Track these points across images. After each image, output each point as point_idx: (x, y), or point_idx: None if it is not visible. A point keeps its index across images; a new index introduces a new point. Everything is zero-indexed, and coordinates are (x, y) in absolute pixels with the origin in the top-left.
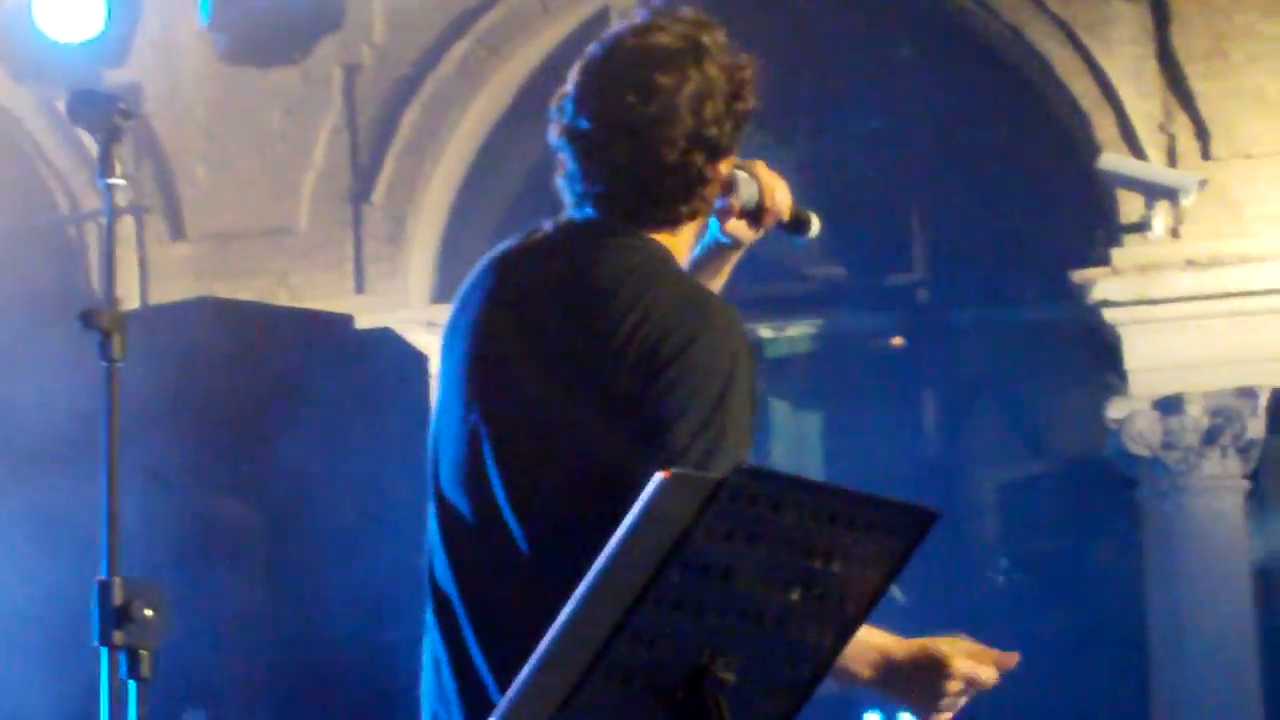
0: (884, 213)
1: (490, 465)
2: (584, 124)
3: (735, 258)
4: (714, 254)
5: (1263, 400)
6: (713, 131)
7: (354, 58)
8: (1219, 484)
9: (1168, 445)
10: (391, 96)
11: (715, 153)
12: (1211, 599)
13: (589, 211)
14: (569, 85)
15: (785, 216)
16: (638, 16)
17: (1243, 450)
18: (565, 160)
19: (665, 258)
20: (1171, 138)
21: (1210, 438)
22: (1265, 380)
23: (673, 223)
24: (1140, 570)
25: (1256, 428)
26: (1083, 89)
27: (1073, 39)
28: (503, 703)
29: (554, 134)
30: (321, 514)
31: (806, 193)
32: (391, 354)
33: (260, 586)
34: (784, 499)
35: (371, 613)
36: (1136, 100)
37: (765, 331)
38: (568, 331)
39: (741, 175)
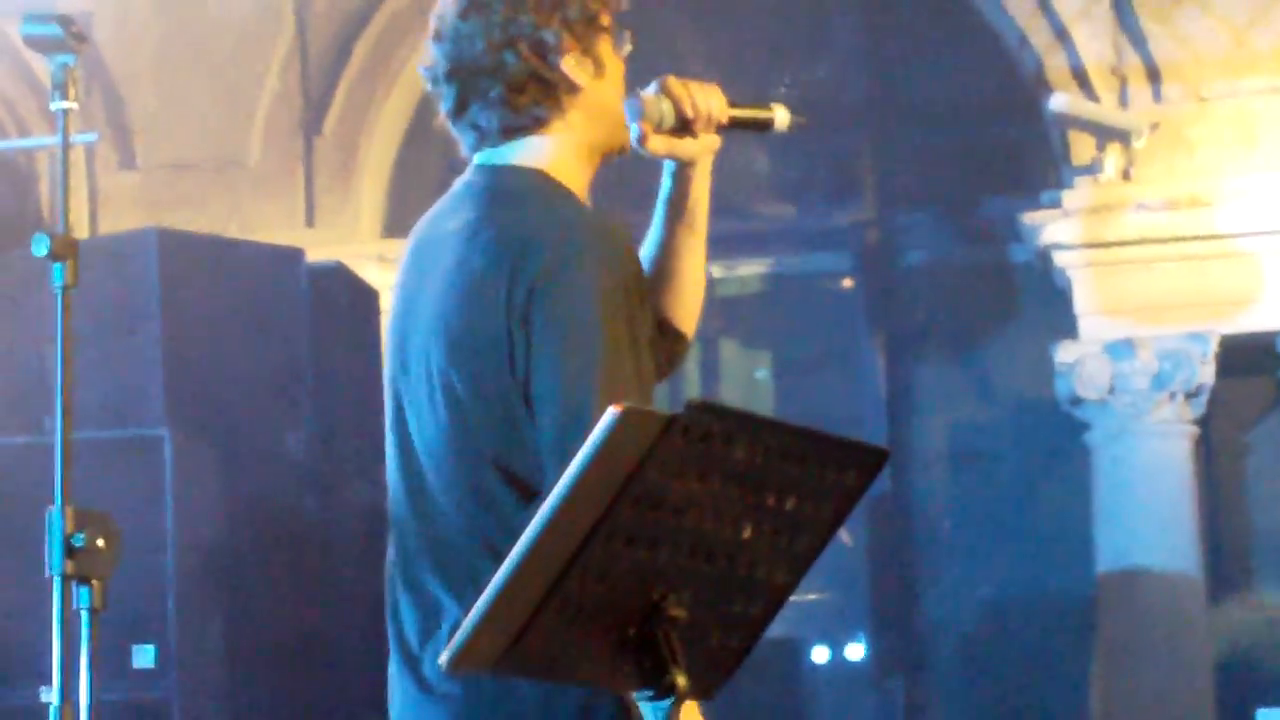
0: (834, 153)
1: (408, 416)
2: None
3: (698, 176)
4: (675, 180)
5: (1213, 345)
6: (526, 26)
7: None
8: (1169, 429)
9: (1117, 389)
10: (344, 26)
11: (539, 48)
12: (1160, 543)
13: (468, 146)
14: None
15: (723, 119)
16: None
17: (1192, 395)
18: None
19: (521, 189)
20: (1123, 79)
21: (1160, 382)
22: (1216, 325)
23: (523, 130)
24: (1089, 513)
25: (1206, 373)
26: (1035, 28)
27: None
28: (456, 637)
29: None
30: (273, 443)
31: (756, 135)
32: (342, 287)
33: (210, 518)
34: (736, 435)
35: (321, 545)
36: (1088, 41)
37: (715, 270)
38: (442, 292)
39: (647, 95)
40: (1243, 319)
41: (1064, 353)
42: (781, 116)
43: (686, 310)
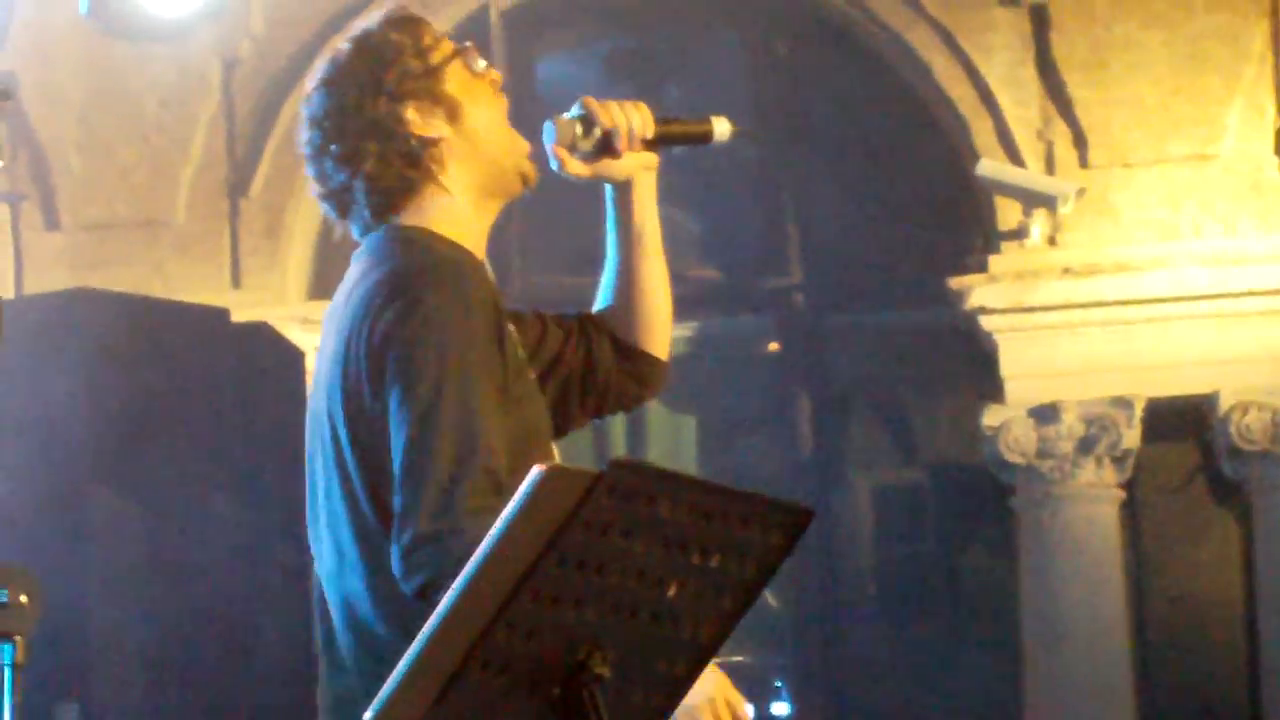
0: (761, 216)
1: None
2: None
3: (638, 196)
4: (615, 204)
5: (1138, 410)
6: (360, 119)
7: (232, 50)
8: (1094, 493)
9: (1043, 453)
10: (270, 89)
11: (380, 132)
12: (1086, 607)
13: (357, 235)
14: None
15: (648, 134)
16: None
17: (1118, 460)
18: None
19: (391, 247)
20: (1050, 145)
21: (1085, 446)
22: (1141, 390)
23: (398, 203)
24: (1015, 578)
25: (1132, 438)
26: (961, 95)
27: (952, 44)
28: (379, 696)
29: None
30: (197, 506)
31: (685, 194)
32: (268, 348)
33: (134, 576)
34: (661, 493)
35: (245, 605)
36: (1015, 107)
37: None
38: (328, 361)
39: (560, 118)
40: (1168, 383)
41: (990, 416)
42: (720, 127)
43: (653, 334)
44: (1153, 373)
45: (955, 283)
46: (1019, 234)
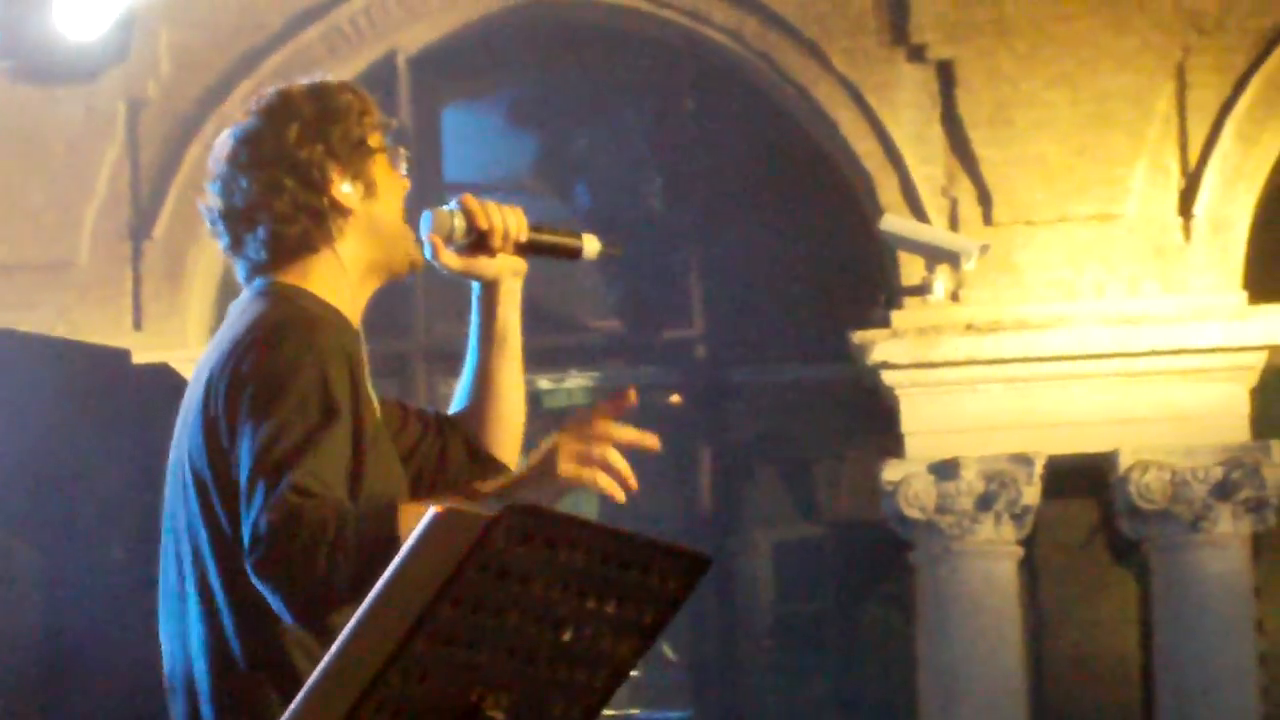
0: (663, 267)
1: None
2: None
3: (504, 298)
4: (481, 301)
5: (1038, 467)
6: (291, 160)
7: (139, 92)
8: (993, 549)
9: (942, 509)
10: (175, 133)
11: (305, 180)
12: (983, 665)
13: (242, 276)
14: None
15: (521, 239)
16: None
17: (1017, 516)
18: None
19: (264, 303)
20: (954, 202)
21: (985, 503)
22: (1041, 447)
23: (290, 255)
24: (913, 633)
25: (1031, 494)
26: (867, 150)
27: (859, 100)
28: None
29: None
30: (93, 548)
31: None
32: (169, 389)
33: (31, 624)
34: (558, 538)
35: (146, 651)
36: (919, 164)
37: (543, 383)
38: (192, 394)
39: (440, 210)
40: (1068, 441)
41: (890, 471)
42: (590, 245)
43: (503, 440)
44: (1053, 430)
45: (858, 337)
46: (922, 290)
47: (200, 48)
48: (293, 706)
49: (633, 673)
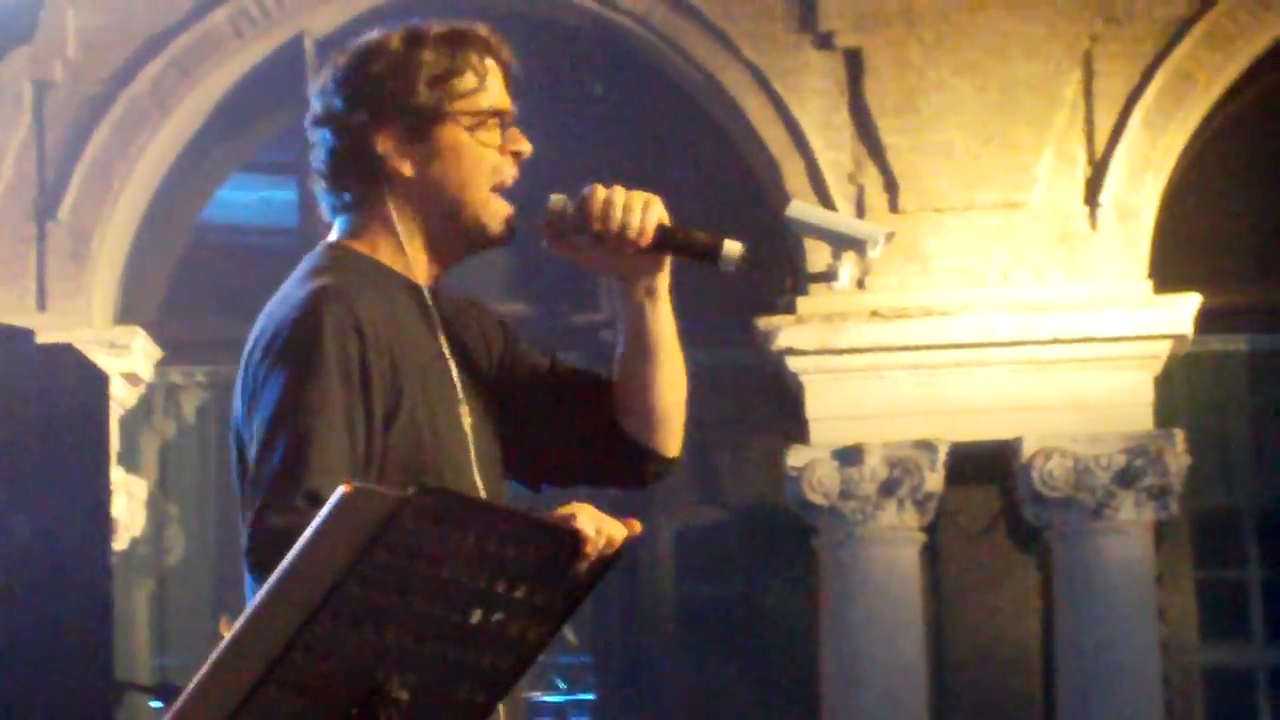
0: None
1: None
2: None
3: (638, 298)
4: (622, 299)
5: (941, 454)
6: (343, 109)
7: (45, 73)
8: (896, 535)
9: (846, 495)
10: (82, 114)
11: (351, 130)
12: (885, 649)
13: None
14: None
15: (642, 241)
16: None
17: (920, 502)
18: None
19: (308, 265)
20: (861, 189)
21: (888, 489)
22: (945, 434)
23: (347, 209)
24: (815, 620)
25: (935, 481)
26: (773, 136)
27: (765, 87)
28: (174, 707)
29: None
30: None
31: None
32: (72, 370)
33: None
34: (468, 520)
35: (45, 630)
36: (826, 150)
37: None
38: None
39: (556, 196)
40: (972, 428)
41: (794, 457)
42: (731, 249)
43: (651, 433)
44: (957, 417)
45: (763, 323)
46: (828, 276)
47: (107, 30)
48: (195, 680)
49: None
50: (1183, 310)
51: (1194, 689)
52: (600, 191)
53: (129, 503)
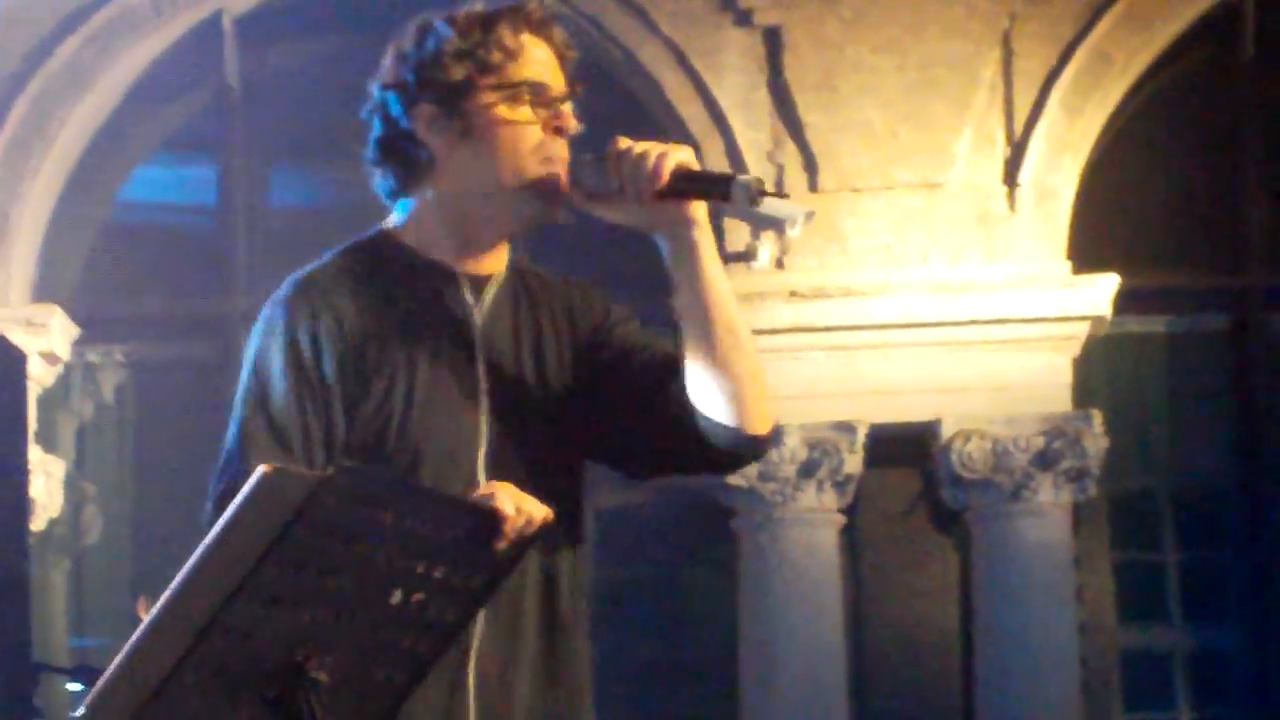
0: None
1: None
2: None
3: (676, 252)
4: (669, 269)
5: (861, 435)
6: (384, 90)
7: None
8: (815, 517)
9: (764, 476)
10: (1, 89)
11: (389, 111)
12: (804, 631)
13: None
14: None
15: (657, 184)
16: None
17: (839, 484)
18: None
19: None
20: (780, 168)
21: (807, 470)
22: (864, 415)
23: (397, 193)
24: (734, 601)
25: (854, 463)
26: (692, 114)
27: (684, 64)
28: (96, 686)
29: None
30: None
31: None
32: None
33: None
34: (388, 501)
35: None
36: (745, 129)
37: None
38: None
39: (581, 156)
40: (891, 410)
41: None
42: (744, 180)
43: (725, 409)
44: (876, 399)
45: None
46: (746, 256)
47: (25, 5)
48: (115, 662)
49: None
50: (1101, 291)
51: (1111, 670)
52: (621, 141)
53: (47, 483)
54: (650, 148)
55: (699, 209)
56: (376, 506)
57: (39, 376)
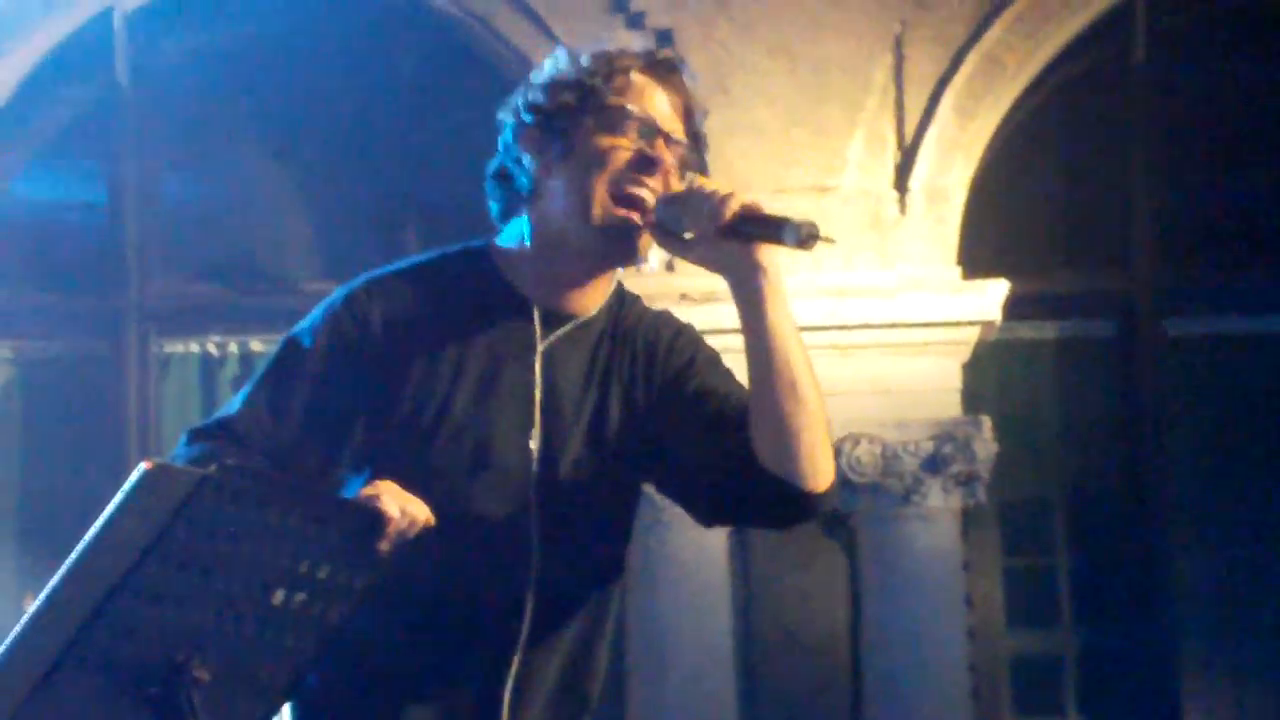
0: (385, 232)
1: None
2: None
3: (741, 295)
4: (739, 316)
5: None
6: (503, 115)
7: None
8: None
9: None
10: None
11: (505, 136)
12: (692, 633)
13: None
14: None
15: (719, 223)
16: None
17: None
18: None
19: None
20: None
21: None
22: None
23: (505, 215)
24: (622, 604)
25: None
26: None
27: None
28: None
29: None
30: None
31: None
32: None
33: None
34: (272, 499)
35: None
36: None
37: (255, 345)
38: None
39: (664, 196)
40: None
41: None
42: (797, 224)
43: (784, 461)
44: None
45: None
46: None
47: None
48: None
49: None
50: (991, 297)
51: (1001, 675)
52: (696, 180)
53: None
54: (719, 187)
55: (771, 255)
56: (259, 505)
57: None
